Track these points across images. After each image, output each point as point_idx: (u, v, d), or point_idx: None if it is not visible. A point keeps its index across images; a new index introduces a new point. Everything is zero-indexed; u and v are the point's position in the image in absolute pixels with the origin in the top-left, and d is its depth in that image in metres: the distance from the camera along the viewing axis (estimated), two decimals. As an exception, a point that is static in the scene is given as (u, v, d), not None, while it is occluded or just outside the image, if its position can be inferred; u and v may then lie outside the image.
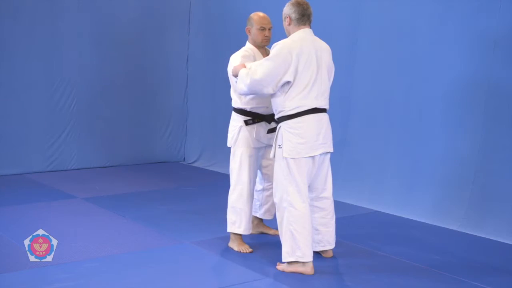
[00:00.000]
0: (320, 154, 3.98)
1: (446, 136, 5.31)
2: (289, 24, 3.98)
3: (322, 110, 3.97)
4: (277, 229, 4.16)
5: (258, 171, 4.54)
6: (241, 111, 4.34)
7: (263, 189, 4.63)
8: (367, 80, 5.93)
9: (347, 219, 5.32)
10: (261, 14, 4.36)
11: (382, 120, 5.81)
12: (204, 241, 4.51)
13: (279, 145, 3.92)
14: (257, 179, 4.57)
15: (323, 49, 3.99)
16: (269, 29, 4.35)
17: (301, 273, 3.90)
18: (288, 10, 3.97)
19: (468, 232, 5.03)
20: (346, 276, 3.93)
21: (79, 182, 6.44)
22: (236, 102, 4.35)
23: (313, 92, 3.88)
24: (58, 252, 4.08)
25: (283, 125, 3.92)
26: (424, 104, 5.46)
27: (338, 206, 5.80)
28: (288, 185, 3.89)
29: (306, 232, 3.88)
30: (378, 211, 5.64)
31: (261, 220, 4.77)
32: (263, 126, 4.35)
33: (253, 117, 4.32)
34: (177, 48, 7.78)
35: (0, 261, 3.91)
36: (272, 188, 4.34)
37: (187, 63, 7.86)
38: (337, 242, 4.28)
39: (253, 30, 4.33)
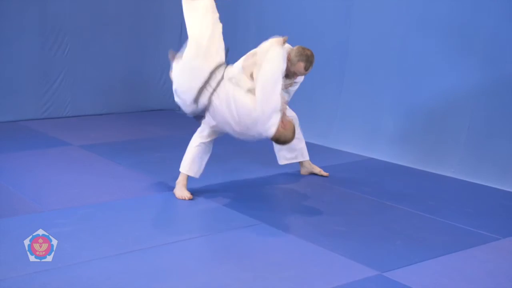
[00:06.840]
0: None
1: (441, 81, 5.27)
2: None
3: None
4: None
5: None
6: None
7: None
8: (364, 26, 5.86)
9: (342, 166, 5.33)
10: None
11: (377, 67, 5.77)
12: (198, 188, 4.50)
13: None
14: None
15: None
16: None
17: None
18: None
19: (462, 178, 5.07)
20: (335, 218, 3.97)
21: (74, 129, 6.41)
22: None
23: None
24: (55, 198, 4.11)
25: None
26: (419, 50, 5.41)
27: (334, 153, 5.84)
28: None
29: None
30: (373, 158, 5.66)
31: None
32: None
33: None
34: (170, -7, 7.64)
35: (-3, 207, 3.95)
36: None
37: (181, 8, 7.71)
38: (327, 187, 4.30)
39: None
